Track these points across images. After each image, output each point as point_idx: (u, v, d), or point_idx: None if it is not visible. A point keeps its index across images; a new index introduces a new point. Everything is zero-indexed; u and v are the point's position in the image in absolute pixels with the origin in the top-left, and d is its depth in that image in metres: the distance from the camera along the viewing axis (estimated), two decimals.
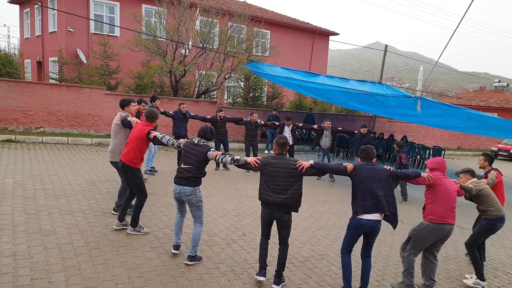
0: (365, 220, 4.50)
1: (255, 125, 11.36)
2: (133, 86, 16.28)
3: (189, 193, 4.90)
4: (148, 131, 5.53)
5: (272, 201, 4.54)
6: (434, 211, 4.83)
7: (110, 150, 6.51)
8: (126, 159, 5.61)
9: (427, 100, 10.55)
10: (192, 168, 4.90)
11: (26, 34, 23.44)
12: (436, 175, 4.89)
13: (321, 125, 11.79)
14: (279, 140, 4.71)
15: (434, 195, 4.86)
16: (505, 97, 36.80)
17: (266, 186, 4.59)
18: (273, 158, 4.64)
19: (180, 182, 4.94)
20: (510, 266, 6.51)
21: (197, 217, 5.10)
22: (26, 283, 4.14)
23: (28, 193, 7.16)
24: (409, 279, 4.92)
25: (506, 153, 23.62)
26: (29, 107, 13.26)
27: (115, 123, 6.39)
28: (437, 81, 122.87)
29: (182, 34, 15.59)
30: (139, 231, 5.76)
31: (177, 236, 5.24)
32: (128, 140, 5.75)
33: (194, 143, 5.01)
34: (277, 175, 4.54)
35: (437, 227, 4.81)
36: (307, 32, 26.23)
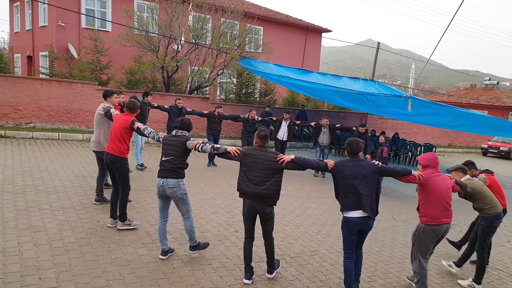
0: (354, 218, 4.44)
1: (253, 122, 11.37)
2: (125, 82, 16.16)
3: (172, 185, 4.83)
4: (132, 121, 5.57)
5: (251, 192, 4.53)
6: (427, 213, 4.72)
7: (93, 140, 6.62)
8: (113, 150, 5.62)
9: (418, 99, 10.60)
10: (173, 159, 4.86)
11: (16, 28, 23.15)
12: (428, 173, 4.71)
13: (319, 122, 11.86)
14: (260, 132, 4.67)
15: (427, 194, 4.72)
16: (495, 95, 37.16)
17: (245, 177, 4.58)
18: (254, 149, 4.62)
19: (162, 175, 4.88)
20: (499, 262, 6.59)
21: (183, 211, 5.05)
22: (16, 279, 4.10)
23: (18, 189, 7.09)
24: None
25: (496, 150, 23.87)
26: (19, 102, 13.12)
27: (98, 113, 6.51)
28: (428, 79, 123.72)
29: (174, 29, 15.51)
30: (129, 225, 5.76)
31: (162, 242, 5.05)
32: (111, 132, 5.73)
33: (173, 135, 4.99)
34: (257, 166, 4.53)
35: (433, 229, 4.72)
36: (300, 29, 26.22)
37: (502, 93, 39.22)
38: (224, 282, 4.64)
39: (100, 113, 6.44)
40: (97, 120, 6.54)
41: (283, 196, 8.77)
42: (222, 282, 4.65)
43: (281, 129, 11.78)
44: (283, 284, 4.80)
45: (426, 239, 4.76)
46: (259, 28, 23.33)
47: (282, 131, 11.78)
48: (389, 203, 9.49)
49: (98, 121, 6.54)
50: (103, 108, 6.39)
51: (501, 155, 23.81)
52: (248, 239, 4.75)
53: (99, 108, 6.52)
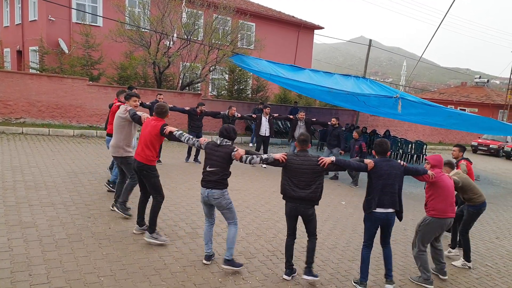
0: (378, 213, 4.75)
1: (233, 118, 11.28)
2: (116, 77, 16.06)
3: (217, 196, 4.76)
4: (162, 126, 5.22)
5: (297, 196, 4.66)
6: (436, 207, 5.17)
7: (113, 144, 6.12)
8: (141, 157, 5.30)
9: (408, 100, 10.64)
10: (218, 170, 4.75)
11: (5, 22, 22.86)
12: (437, 172, 5.17)
13: (296, 116, 11.88)
14: (300, 137, 4.82)
15: (436, 191, 5.18)
16: (485, 93, 37.53)
17: (291, 182, 4.69)
18: (297, 155, 4.73)
19: (207, 185, 4.77)
20: (488, 258, 6.67)
21: (230, 218, 4.91)
22: (5, 275, 4.07)
23: (8, 184, 7.03)
24: (426, 273, 5.21)
25: (486, 147, 24.11)
26: (9, 97, 12.98)
27: (119, 116, 6.02)
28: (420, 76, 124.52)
29: (166, 25, 15.42)
30: (156, 238, 5.33)
31: (207, 246, 4.99)
32: (140, 138, 5.39)
33: (217, 144, 4.82)
34: (302, 171, 4.65)
35: (440, 222, 5.20)
36: (292, 26, 26.22)
37: (492, 91, 39.66)
38: (215, 279, 4.65)
39: (122, 116, 5.96)
40: (118, 124, 6.06)
41: (274, 193, 8.82)
42: (213, 278, 4.66)
43: (262, 125, 11.67)
44: (274, 280, 4.82)
45: (431, 231, 5.26)
46: (251, 24, 23.30)
47: (264, 127, 11.69)
48: None
49: (119, 125, 6.06)
50: (125, 111, 5.93)
51: (490, 153, 24.05)
52: (290, 236, 4.91)
53: (120, 112, 6.02)
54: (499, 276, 5.99)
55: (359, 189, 10.28)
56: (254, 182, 9.69)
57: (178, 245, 5.40)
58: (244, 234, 6.14)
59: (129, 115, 5.85)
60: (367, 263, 4.89)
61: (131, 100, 6.13)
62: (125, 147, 6.07)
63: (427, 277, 5.22)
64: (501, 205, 11.01)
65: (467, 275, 5.81)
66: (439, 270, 5.54)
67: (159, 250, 5.17)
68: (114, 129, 6.14)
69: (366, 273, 4.88)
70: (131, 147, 6.17)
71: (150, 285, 4.29)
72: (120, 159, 6.14)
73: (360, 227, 7.26)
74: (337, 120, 11.71)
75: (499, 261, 6.62)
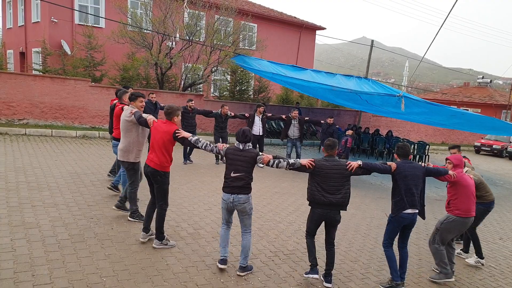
0: (406, 214, 4.87)
1: (226, 117, 11.28)
2: (118, 79, 16.09)
3: (243, 201, 4.71)
4: (174, 131, 5.06)
5: (328, 201, 4.69)
6: (459, 206, 5.33)
7: (121, 148, 5.84)
8: (154, 163, 5.13)
9: (411, 98, 10.64)
10: (244, 175, 4.70)
11: (8, 24, 22.95)
12: (459, 172, 5.32)
13: (289, 115, 11.90)
14: (327, 142, 4.86)
15: (458, 191, 5.34)
16: (488, 93, 37.43)
17: (320, 188, 4.71)
18: (326, 160, 4.77)
19: (233, 191, 4.71)
20: (491, 259, 6.65)
21: (247, 226, 4.89)
22: (9, 276, 4.09)
23: (11, 185, 7.05)
24: (445, 268, 5.37)
25: (489, 148, 24.04)
26: (12, 99, 13.02)
27: (125, 120, 5.75)
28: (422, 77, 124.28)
29: (168, 26, 15.45)
30: (166, 244, 5.29)
31: (224, 250, 4.94)
32: (152, 143, 5.21)
33: (239, 149, 4.76)
34: (332, 176, 4.69)
35: (464, 221, 5.36)
36: (294, 26, 26.22)
37: (495, 91, 39.56)
38: (217, 279, 4.65)
39: (127, 119, 5.70)
40: (125, 127, 5.79)
41: (276, 194, 8.82)
42: (215, 279, 4.66)
43: (255, 124, 11.59)
44: (276, 281, 4.82)
45: (454, 229, 5.42)
46: (253, 25, 23.33)
47: (257, 126, 11.61)
48: (383, 201, 9.55)
49: (126, 129, 5.79)
50: (130, 114, 5.67)
51: (494, 153, 23.98)
52: (311, 237, 4.98)
53: (125, 114, 5.77)
54: (502, 277, 5.97)
55: (361, 190, 10.27)
56: (256, 183, 9.67)
57: (180, 245, 5.41)
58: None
59: (134, 118, 5.61)
60: (395, 260, 4.99)
61: (137, 100, 5.89)
62: (136, 150, 5.84)
63: (446, 271, 5.37)
64: (505, 206, 10.97)
65: (470, 276, 5.80)
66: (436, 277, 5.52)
67: (161, 251, 5.17)
68: (122, 133, 5.89)
69: (397, 272, 4.96)
70: (142, 152, 5.96)
71: (152, 286, 4.30)
72: (127, 164, 5.91)
73: (362, 228, 7.26)
74: (332, 119, 11.95)
75: (503, 262, 6.60)
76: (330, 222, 4.84)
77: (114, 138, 7.03)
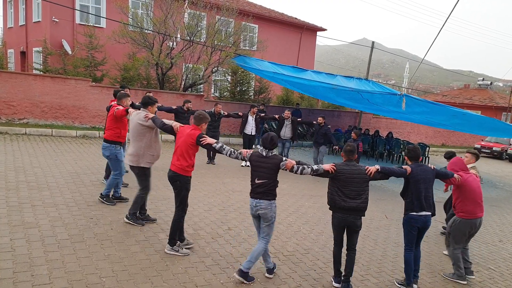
0: (417, 216, 4.97)
1: (219, 116, 11.28)
2: (119, 78, 16.09)
3: (265, 206, 4.68)
4: (199, 135, 4.97)
5: (348, 206, 4.69)
6: (464, 209, 5.47)
7: (132, 153, 5.68)
8: (176, 167, 5.07)
9: (412, 98, 10.65)
10: (267, 182, 4.68)
11: (9, 23, 22.97)
12: (462, 175, 5.42)
13: (282, 115, 11.94)
14: (346, 147, 4.88)
15: (463, 194, 5.46)
16: (488, 95, 37.44)
17: (341, 193, 4.72)
18: (347, 165, 4.78)
19: (256, 196, 4.72)
20: (491, 262, 6.64)
21: (265, 233, 4.80)
22: (8, 276, 4.08)
23: (11, 185, 7.05)
24: (459, 270, 5.55)
25: (489, 150, 24.04)
26: (12, 98, 13.02)
27: (139, 123, 5.57)
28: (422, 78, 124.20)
29: (169, 26, 15.46)
30: (177, 251, 5.17)
31: (267, 261, 4.93)
32: (176, 147, 5.14)
33: (263, 155, 4.71)
34: (352, 181, 4.70)
35: (469, 222, 5.49)
36: (294, 27, 26.23)
37: (496, 94, 39.56)
38: (217, 280, 4.65)
39: (142, 123, 5.54)
40: (138, 131, 5.61)
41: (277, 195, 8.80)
42: (215, 279, 4.65)
43: (248, 124, 11.67)
44: (276, 282, 4.81)
45: (461, 231, 5.54)
46: (254, 26, 23.34)
47: (250, 126, 11.66)
48: (383, 202, 9.54)
49: (138, 133, 5.61)
50: (146, 118, 5.50)
51: (494, 155, 23.98)
52: (337, 246, 4.93)
53: (139, 118, 5.57)
54: (502, 280, 5.95)
55: None
56: None
57: None
58: (246, 236, 6.13)
59: (153, 123, 5.47)
60: (412, 265, 5.07)
61: (154, 106, 5.80)
62: (148, 155, 5.71)
63: (460, 274, 5.54)
64: (505, 208, 10.96)
65: (470, 278, 5.78)
66: (465, 269, 5.68)
67: (161, 251, 5.17)
68: (132, 137, 5.71)
69: (412, 275, 5.07)
70: (155, 157, 5.81)
71: (152, 286, 4.29)
72: (138, 169, 5.77)
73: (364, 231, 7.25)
74: (323, 119, 11.84)
75: (502, 264, 6.59)
76: (351, 228, 4.83)
77: (105, 140, 6.68)
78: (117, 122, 6.58)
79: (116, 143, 6.62)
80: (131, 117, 5.79)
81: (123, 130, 6.71)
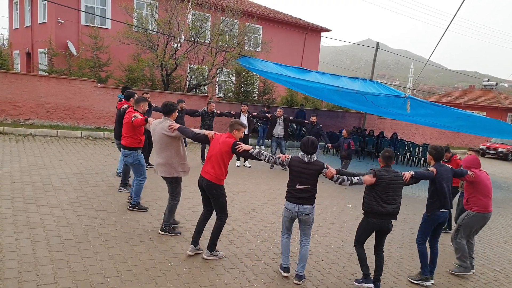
0: (440, 213, 5.28)
1: (212, 115, 11.22)
2: (124, 79, 16.16)
3: (308, 211, 4.76)
4: (234, 142, 4.92)
5: (386, 211, 4.81)
6: (478, 203, 5.75)
7: (162, 163, 5.50)
8: (210, 175, 4.98)
9: (416, 100, 10.60)
10: (310, 188, 4.73)
11: (15, 24, 23.09)
12: (475, 172, 5.78)
13: (274, 114, 11.95)
14: (385, 153, 4.98)
15: (476, 189, 5.76)
16: (493, 96, 37.19)
17: (379, 198, 4.81)
18: (386, 171, 4.88)
19: (298, 201, 4.74)
20: (496, 263, 6.60)
21: (307, 235, 4.93)
22: (13, 275, 4.10)
23: (16, 185, 7.08)
24: (465, 262, 5.77)
25: (494, 151, 23.93)
26: (18, 99, 13.10)
27: (163, 134, 5.40)
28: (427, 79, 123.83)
29: (173, 27, 15.50)
30: (216, 255, 5.18)
31: (287, 258, 5.00)
32: (209, 155, 5.04)
33: (305, 161, 4.72)
34: (391, 187, 4.82)
35: (483, 216, 5.78)
36: (299, 28, 26.22)
37: (501, 94, 39.28)
38: (221, 280, 4.65)
39: (167, 134, 5.36)
40: (164, 141, 5.44)
41: (280, 195, 8.80)
42: (219, 280, 4.65)
43: None
44: (279, 283, 4.81)
45: (474, 224, 5.82)
46: (258, 27, 23.34)
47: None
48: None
49: (165, 142, 5.44)
50: (171, 129, 5.33)
51: (499, 156, 23.87)
52: (362, 247, 5.04)
53: (162, 128, 5.41)
54: (507, 281, 5.92)
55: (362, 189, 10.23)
56: (260, 184, 9.68)
57: (183, 246, 5.40)
58: (250, 237, 6.13)
59: (182, 134, 5.35)
60: (427, 256, 5.34)
61: (176, 112, 5.68)
62: (179, 164, 5.54)
63: (466, 265, 5.77)
64: (510, 209, 10.90)
65: (475, 280, 5.76)
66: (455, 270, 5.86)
67: (165, 252, 5.18)
68: (159, 147, 5.50)
69: (427, 267, 5.31)
70: (185, 165, 5.64)
71: (156, 286, 4.30)
72: (171, 178, 5.63)
73: None
74: (316, 117, 11.92)
75: (508, 266, 6.55)
76: (383, 231, 4.96)
77: (125, 147, 6.55)
78: (134, 129, 6.43)
79: (137, 148, 6.55)
80: (153, 126, 5.61)
81: (141, 136, 6.62)
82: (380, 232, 4.97)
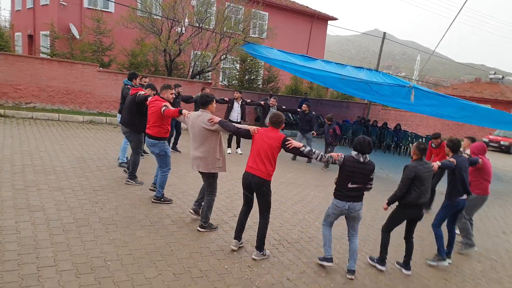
0: (461, 200, 5.65)
1: None
2: (127, 64, 16.03)
3: (358, 208, 4.85)
4: (284, 138, 4.76)
5: (422, 202, 5.12)
6: (480, 187, 6.26)
7: (200, 156, 5.28)
8: (261, 172, 4.79)
9: (421, 89, 10.51)
10: (362, 187, 4.80)
11: (17, 6, 22.94)
12: (483, 159, 6.25)
13: (267, 102, 11.72)
14: (420, 145, 5.15)
15: (480, 174, 6.24)
16: (499, 90, 36.95)
17: (419, 190, 5.04)
18: (421, 164, 5.08)
19: (349, 199, 4.78)
20: (493, 252, 6.66)
21: (355, 230, 5.00)
22: (13, 257, 4.09)
23: (17, 168, 7.06)
24: (470, 239, 6.31)
25: (496, 144, 23.82)
26: (19, 82, 13.02)
27: (203, 127, 5.19)
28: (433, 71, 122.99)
29: (178, 12, 15.32)
30: (264, 255, 5.04)
31: (331, 249, 5.03)
32: (257, 151, 4.84)
33: (360, 161, 4.71)
34: (428, 179, 5.10)
35: (483, 198, 6.36)
36: (305, 16, 25.96)
37: (507, 88, 39.00)
38: (221, 265, 4.63)
39: (208, 128, 5.16)
40: (204, 135, 5.21)
41: (282, 184, 8.78)
42: (219, 265, 4.64)
43: (234, 110, 11.17)
44: (279, 268, 4.80)
45: (476, 205, 6.41)
46: (264, 13, 23.09)
47: (236, 113, 11.17)
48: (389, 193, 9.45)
49: (205, 136, 5.21)
50: (211, 122, 5.14)
51: (501, 149, 23.77)
52: (389, 233, 5.38)
53: (201, 121, 5.20)
54: (503, 270, 6.00)
55: None
56: None
57: (184, 231, 5.39)
58: (251, 223, 6.10)
59: (222, 128, 5.15)
60: (443, 238, 5.69)
61: (213, 103, 5.39)
62: (216, 160, 5.31)
63: (471, 242, 6.29)
64: (509, 200, 10.96)
65: (472, 267, 5.88)
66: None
67: (166, 236, 5.16)
68: (196, 140, 5.30)
69: (444, 248, 5.68)
70: (222, 160, 5.39)
71: (156, 270, 4.29)
72: (208, 174, 5.43)
73: (366, 219, 7.23)
74: (308, 106, 11.87)
75: (505, 255, 6.63)
76: (416, 219, 5.28)
77: (151, 137, 6.29)
78: (163, 119, 6.21)
79: (164, 139, 6.33)
80: (191, 120, 5.36)
81: (168, 125, 6.41)
82: (414, 220, 5.28)
